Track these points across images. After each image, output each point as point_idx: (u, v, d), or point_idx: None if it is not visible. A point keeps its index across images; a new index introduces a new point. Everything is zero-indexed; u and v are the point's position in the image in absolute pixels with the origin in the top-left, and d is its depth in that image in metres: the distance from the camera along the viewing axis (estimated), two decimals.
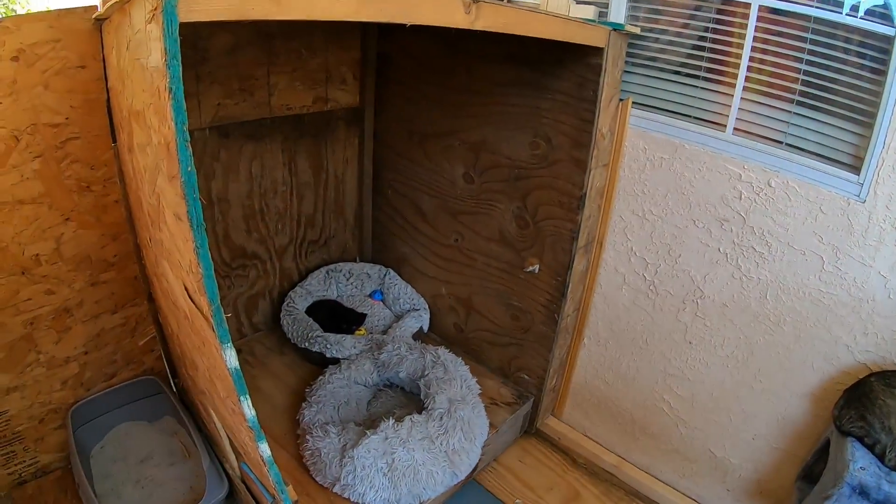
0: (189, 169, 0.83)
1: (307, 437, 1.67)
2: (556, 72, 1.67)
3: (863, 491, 1.34)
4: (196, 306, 1.01)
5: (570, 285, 1.83)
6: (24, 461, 1.69)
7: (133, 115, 1.13)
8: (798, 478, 1.63)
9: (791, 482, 1.66)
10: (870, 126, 1.37)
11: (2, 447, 1.63)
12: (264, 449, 1.16)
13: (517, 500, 1.87)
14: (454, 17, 1.11)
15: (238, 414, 1.11)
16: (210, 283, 0.91)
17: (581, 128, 1.66)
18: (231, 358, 0.99)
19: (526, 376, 2.06)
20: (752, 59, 1.48)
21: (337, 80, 2.10)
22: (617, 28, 1.55)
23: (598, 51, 1.55)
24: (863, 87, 1.37)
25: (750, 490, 1.83)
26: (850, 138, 1.42)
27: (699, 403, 1.80)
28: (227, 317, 0.96)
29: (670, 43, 1.63)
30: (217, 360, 1.02)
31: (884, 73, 1.32)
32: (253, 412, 1.09)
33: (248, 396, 1.06)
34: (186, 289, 1.04)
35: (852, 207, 1.42)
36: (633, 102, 1.69)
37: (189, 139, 0.81)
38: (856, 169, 1.41)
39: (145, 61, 0.88)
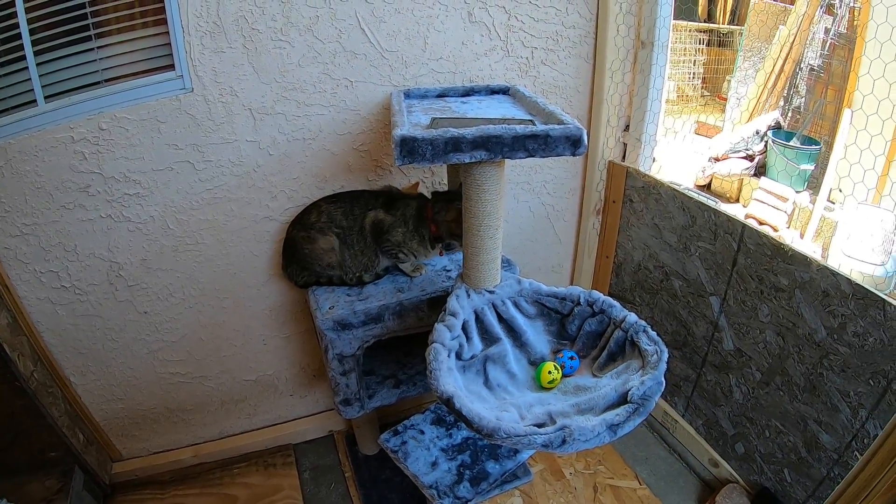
0: None
1: None
2: None
3: (344, 326, 1.47)
4: None
5: (7, 346, 1.56)
6: None
7: None
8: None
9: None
10: (162, 22, 1.36)
11: None
12: None
13: None
14: None
15: None
16: None
17: None
18: None
19: (53, 453, 1.76)
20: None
21: None
22: None
23: None
24: None
25: (303, 381, 1.98)
26: (152, 42, 1.39)
27: (199, 353, 1.80)
28: None
29: None
30: None
31: None
32: None
33: None
34: None
35: (186, 101, 1.43)
36: None
37: None
38: (169, 66, 1.41)
39: None
